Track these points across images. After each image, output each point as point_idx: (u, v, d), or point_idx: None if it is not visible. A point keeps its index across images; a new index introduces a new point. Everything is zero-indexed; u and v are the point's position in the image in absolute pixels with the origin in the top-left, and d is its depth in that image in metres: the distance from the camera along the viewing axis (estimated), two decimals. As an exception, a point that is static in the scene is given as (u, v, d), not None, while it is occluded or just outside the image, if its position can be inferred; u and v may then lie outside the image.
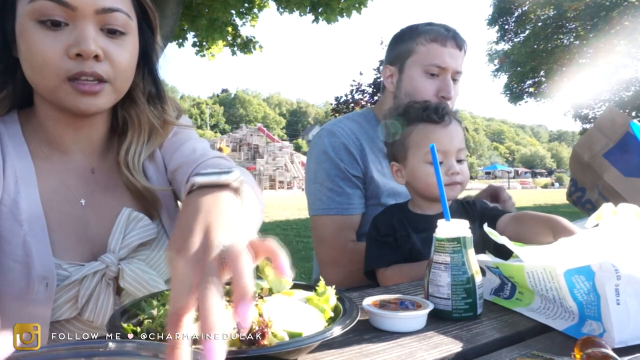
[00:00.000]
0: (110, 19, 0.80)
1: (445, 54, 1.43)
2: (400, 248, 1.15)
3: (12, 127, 0.87)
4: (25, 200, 0.81)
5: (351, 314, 0.61)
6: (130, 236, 0.88)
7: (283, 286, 0.69)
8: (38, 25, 0.76)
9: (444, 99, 1.43)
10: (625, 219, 0.82)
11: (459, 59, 1.46)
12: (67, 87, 0.79)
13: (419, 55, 1.45)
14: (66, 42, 0.77)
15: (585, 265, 0.65)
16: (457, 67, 1.45)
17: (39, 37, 0.76)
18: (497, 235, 0.80)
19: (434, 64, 1.43)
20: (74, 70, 0.77)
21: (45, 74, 0.77)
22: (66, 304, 0.82)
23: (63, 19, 0.76)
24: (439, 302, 0.76)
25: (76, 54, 0.76)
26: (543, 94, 18.28)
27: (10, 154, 0.84)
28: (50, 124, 0.88)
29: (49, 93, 0.81)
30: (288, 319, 0.57)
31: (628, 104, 15.91)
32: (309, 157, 1.55)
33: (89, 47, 0.76)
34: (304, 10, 7.39)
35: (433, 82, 1.44)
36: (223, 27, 7.85)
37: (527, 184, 60.85)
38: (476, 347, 0.64)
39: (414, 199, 1.22)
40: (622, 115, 1.43)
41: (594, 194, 1.41)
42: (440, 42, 1.43)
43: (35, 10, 0.75)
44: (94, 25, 0.78)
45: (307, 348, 0.55)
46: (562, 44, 17.50)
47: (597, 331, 0.64)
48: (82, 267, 0.83)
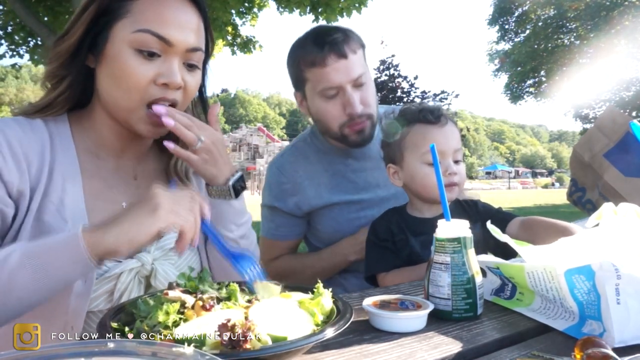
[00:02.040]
0: (193, 56, 0.91)
1: (329, 73, 1.29)
2: (400, 252, 1.14)
3: (62, 127, 0.93)
4: (70, 198, 0.87)
5: (344, 317, 0.61)
6: (166, 238, 0.95)
7: (271, 292, 0.69)
8: (136, 53, 0.86)
9: (353, 115, 1.31)
10: (625, 219, 0.82)
11: (350, 65, 1.29)
12: (143, 114, 0.89)
13: (310, 83, 1.35)
14: (157, 71, 0.87)
15: (585, 265, 0.65)
16: (350, 76, 1.29)
17: (135, 64, 0.86)
18: (500, 234, 0.80)
19: (324, 87, 1.30)
20: (157, 96, 0.88)
21: (132, 95, 0.87)
22: (102, 296, 0.88)
23: (158, 51, 0.87)
24: (439, 302, 0.76)
25: (163, 83, 0.87)
26: (543, 93, 18.27)
27: (59, 153, 0.90)
28: (105, 130, 0.96)
29: (123, 111, 0.90)
30: (274, 323, 0.57)
31: (628, 104, 15.90)
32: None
33: (177, 80, 0.88)
34: (303, 10, 7.38)
35: (335, 102, 1.32)
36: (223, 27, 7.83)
37: (527, 184, 60.85)
38: (476, 347, 0.64)
39: (412, 201, 1.22)
40: (623, 115, 1.43)
41: (594, 194, 1.40)
42: (318, 64, 1.29)
43: (136, 40, 0.85)
44: (180, 59, 0.89)
45: (293, 352, 0.55)
46: (563, 43, 17.50)
47: (597, 331, 0.64)
48: (119, 264, 0.89)
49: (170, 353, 0.43)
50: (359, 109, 1.30)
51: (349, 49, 1.30)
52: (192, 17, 0.90)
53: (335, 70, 1.28)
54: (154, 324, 0.59)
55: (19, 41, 7.82)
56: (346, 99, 1.30)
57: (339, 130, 1.35)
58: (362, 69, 1.32)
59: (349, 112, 1.31)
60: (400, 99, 13.32)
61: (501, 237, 0.80)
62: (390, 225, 1.18)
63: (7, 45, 7.88)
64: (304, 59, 1.33)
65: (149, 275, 0.92)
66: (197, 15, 0.91)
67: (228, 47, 8.71)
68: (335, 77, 1.29)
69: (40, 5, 6.92)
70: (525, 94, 18.86)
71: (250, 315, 0.58)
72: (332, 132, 1.38)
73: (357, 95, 1.31)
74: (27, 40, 7.79)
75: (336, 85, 1.29)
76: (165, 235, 0.83)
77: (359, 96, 1.31)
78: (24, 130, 0.87)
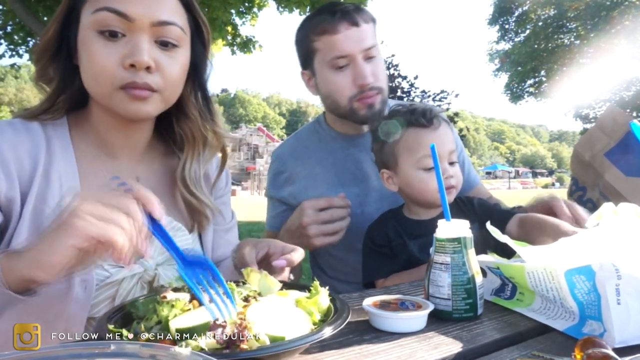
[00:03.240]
0: (165, 31, 0.84)
1: (340, 41, 1.26)
2: (397, 257, 1.13)
3: (61, 130, 0.90)
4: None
5: (341, 316, 0.61)
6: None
7: (271, 289, 0.69)
8: (98, 35, 0.81)
9: (364, 86, 1.27)
10: (625, 219, 0.82)
11: (362, 34, 1.27)
12: (120, 94, 0.83)
13: (320, 54, 1.31)
14: (122, 52, 0.81)
15: (585, 265, 0.65)
16: (361, 46, 1.27)
17: (98, 47, 0.81)
18: (499, 234, 0.80)
19: (335, 56, 1.27)
20: (127, 80, 0.81)
21: (101, 81, 0.82)
22: (104, 302, 0.85)
23: (121, 30, 0.81)
24: (440, 302, 0.76)
25: (130, 64, 0.80)
26: (543, 93, 18.27)
27: (58, 157, 0.86)
28: (102, 127, 0.92)
29: (103, 99, 0.86)
30: (271, 322, 0.57)
31: (628, 104, 15.90)
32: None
33: (142, 58, 0.80)
34: (303, 10, 7.38)
35: (345, 74, 1.29)
36: (222, 27, 7.82)
37: (527, 183, 60.82)
38: (476, 347, 0.64)
39: (408, 205, 1.20)
40: (624, 114, 1.42)
41: (594, 193, 1.40)
42: (330, 31, 1.27)
43: (96, 21, 0.80)
44: (149, 37, 0.82)
45: (290, 352, 0.55)
46: (563, 43, 17.49)
47: (597, 331, 0.64)
48: (122, 269, 0.86)
49: (168, 355, 0.43)
50: (370, 80, 1.27)
51: (361, 18, 1.27)
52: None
53: (347, 38, 1.26)
54: (151, 325, 0.59)
55: (18, 41, 7.82)
56: (357, 70, 1.27)
57: (349, 104, 1.31)
58: (373, 40, 1.29)
59: (359, 83, 1.27)
60: (400, 99, 13.30)
61: (501, 238, 0.80)
62: (387, 230, 1.16)
63: (6, 45, 7.89)
64: (315, 29, 1.30)
65: (152, 281, 0.90)
66: None
67: (228, 47, 8.70)
68: (346, 45, 1.26)
69: (40, 5, 6.92)
70: (526, 94, 18.87)
71: (247, 314, 0.58)
72: (341, 106, 1.33)
73: (369, 67, 1.28)
74: (27, 40, 7.80)
75: (347, 54, 1.26)
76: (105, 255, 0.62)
77: (370, 68, 1.28)
78: (17, 133, 0.84)
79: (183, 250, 0.65)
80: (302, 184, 1.44)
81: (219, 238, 1.09)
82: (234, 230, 1.15)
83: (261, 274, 0.72)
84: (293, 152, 1.50)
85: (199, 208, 0.99)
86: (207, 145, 1.02)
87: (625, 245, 0.71)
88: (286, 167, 1.48)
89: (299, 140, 1.54)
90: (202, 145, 1.01)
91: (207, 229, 1.04)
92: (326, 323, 0.59)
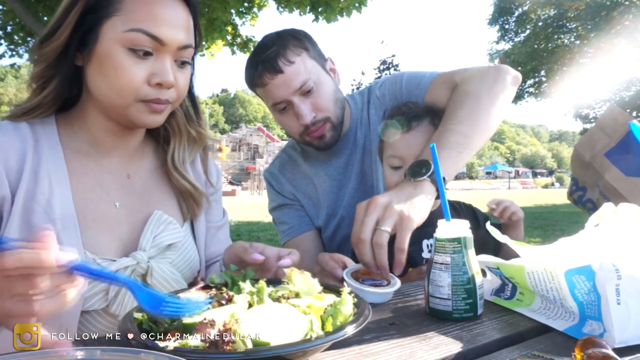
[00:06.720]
0: (185, 53, 0.91)
1: (270, 91, 1.28)
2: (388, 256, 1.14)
3: (49, 128, 0.92)
4: (58, 200, 0.86)
5: (342, 329, 0.57)
6: (161, 236, 0.95)
7: (310, 291, 0.69)
8: (128, 52, 0.85)
9: (306, 125, 1.29)
10: (625, 219, 0.82)
11: (288, 78, 1.25)
12: (140, 106, 0.88)
13: (264, 100, 1.35)
14: (149, 70, 0.87)
15: (585, 265, 0.65)
16: (290, 89, 1.26)
17: (129, 63, 0.85)
18: (499, 235, 0.80)
19: (273, 103, 1.31)
20: (152, 96, 0.87)
21: (124, 94, 0.86)
22: (97, 295, 0.87)
23: (150, 49, 0.86)
24: (440, 302, 0.76)
25: (157, 83, 0.87)
26: (543, 93, 18.26)
27: (46, 156, 0.89)
28: (96, 128, 0.95)
29: (118, 108, 0.89)
30: (266, 327, 0.56)
31: (628, 104, 15.90)
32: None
33: (170, 79, 0.88)
34: (303, 10, 7.37)
35: (288, 115, 1.31)
36: (222, 27, 7.82)
37: (527, 184, 60.85)
38: (476, 347, 0.64)
39: None
40: (624, 114, 1.42)
41: (595, 193, 1.40)
42: (259, 84, 1.31)
43: (129, 40, 0.84)
44: (171, 58, 0.89)
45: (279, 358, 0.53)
46: (563, 43, 17.49)
47: (597, 331, 0.64)
48: (113, 262, 0.88)
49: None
50: (308, 119, 1.27)
51: (284, 61, 1.24)
52: (182, 13, 0.89)
53: (274, 87, 1.26)
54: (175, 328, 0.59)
55: (18, 41, 7.82)
56: (295, 111, 1.28)
57: (301, 139, 1.35)
58: (305, 75, 1.25)
59: (301, 122, 1.29)
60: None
61: (501, 239, 0.80)
62: None
63: (6, 45, 7.88)
64: (249, 82, 1.34)
65: (145, 274, 0.91)
66: (186, 11, 0.91)
67: (228, 47, 8.70)
68: (276, 94, 1.27)
69: (40, 5, 6.91)
70: (526, 94, 18.86)
71: (240, 317, 0.57)
72: (298, 140, 1.39)
73: (307, 103, 1.27)
74: (27, 40, 7.79)
75: (281, 100, 1.27)
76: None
77: (309, 103, 1.27)
78: (5, 134, 0.86)
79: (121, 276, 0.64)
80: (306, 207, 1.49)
81: (211, 236, 1.12)
82: (225, 229, 1.19)
83: (303, 275, 0.72)
84: (284, 174, 1.52)
85: (192, 193, 1.04)
86: (190, 140, 1.07)
87: (625, 245, 0.71)
88: (282, 188, 1.51)
89: (285, 160, 1.56)
90: (187, 138, 1.06)
91: (200, 218, 1.08)
92: (334, 330, 0.58)
